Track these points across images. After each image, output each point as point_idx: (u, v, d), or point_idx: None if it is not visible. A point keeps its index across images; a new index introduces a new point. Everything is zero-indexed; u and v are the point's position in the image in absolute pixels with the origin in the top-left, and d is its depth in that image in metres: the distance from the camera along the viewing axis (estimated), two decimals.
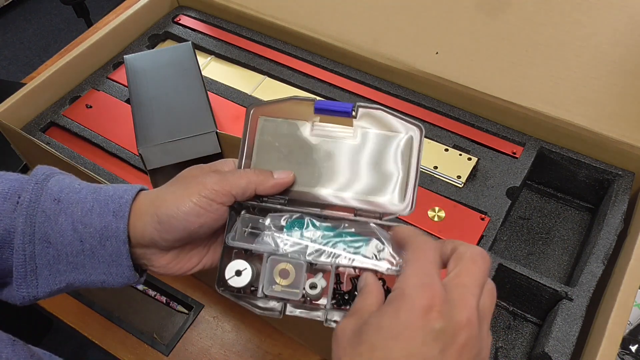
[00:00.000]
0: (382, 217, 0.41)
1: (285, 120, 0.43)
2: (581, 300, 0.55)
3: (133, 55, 0.71)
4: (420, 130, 0.41)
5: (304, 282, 0.39)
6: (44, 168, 0.43)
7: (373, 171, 0.42)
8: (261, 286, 0.40)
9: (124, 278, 0.41)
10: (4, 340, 0.36)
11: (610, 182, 0.66)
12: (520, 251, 0.67)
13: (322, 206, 0.42)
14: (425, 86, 0.74)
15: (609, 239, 0.59)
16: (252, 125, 0.44)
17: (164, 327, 0.66)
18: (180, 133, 0.61)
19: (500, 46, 0.70)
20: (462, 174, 0.66)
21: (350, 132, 0.43)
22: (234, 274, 0.41)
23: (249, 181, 0.41)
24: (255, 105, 0.44)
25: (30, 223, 0.39)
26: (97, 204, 0.41)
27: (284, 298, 0.40)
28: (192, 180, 0.41)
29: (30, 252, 0.39)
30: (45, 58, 1.29)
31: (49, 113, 0.75)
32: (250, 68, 0.81)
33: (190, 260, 0.44)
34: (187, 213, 0.39)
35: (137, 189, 0.42)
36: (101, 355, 0.67)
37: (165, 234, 0.40)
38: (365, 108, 0.42)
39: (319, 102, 0.42)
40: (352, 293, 0.40)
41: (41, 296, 0.41)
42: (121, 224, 0.40)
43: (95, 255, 0.40)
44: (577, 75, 0.66)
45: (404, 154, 0.41)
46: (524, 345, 0.60)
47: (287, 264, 0.40)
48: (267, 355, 0.64)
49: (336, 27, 0.78)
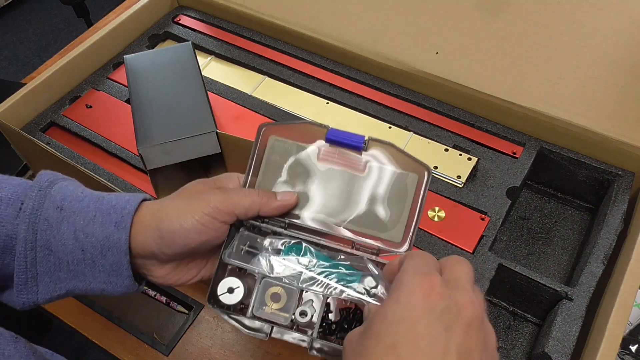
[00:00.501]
0: (379, 253, 0.41)
1: (295, 143, 0.43)
2: (581, 300, 0.55)
3: (133, 55, 0.71)
4: (427, 172, 0.41)
5: (294, 308, 0.40)
6: (47, 174, 0.43)
7: (376, 206, 0.42)
8: (251, 307, 0.40)
9: (123, 287, 0.42)
10: (7, 338, 0.36)
11: (610, 182, 0.66)
12: (520, 251, 0.67)
13: (321, 234, 0.42)
14: (425, 86, 0.74)
15: (609, 239, 0.59)
16: (262, 143, 0.44)
17: (164, 327, 0.66)
18: (180, 133, 0.61)
19: (500, 46, 0.70)
20: (462, 174, 0.66)
21: (358, 164, 0.42)
22: (227, 290, 0.41)
23: (252, 202, 0.41)
24: (267, 125, 0.44)
25: (33, 230, 0.39)
26: (100, 213, 0.41)
27: (273, 321, 0.40)
28: (197, 197, 0.41)
29: (31, 259, 0.40)
30: (45, 58, 1.28)
31: (49, 113, 0.75)
32: (250, 68, 0.81)
33: (188, 272, 0.44)
34: (189, 230, 0.40)
35: (139, 199, 0.42)
36: (101, 355, 0.67)
37: (165, 249, 0.40)
38: (376, 141, 0.42)
39: (331, 131, 0.42)
40: (339, 324, 0.40)
41: (41, 302, 0.41)
42: (123, 235, 0.40)
43: (96, 264, 0.40)
44: (577, 75, 0.66)
45: (409, 193, 0.41)
46: (524, 345, 0.60)
47: (279, 288, 0.40)
48: (267, 355, 0.64)
49: (336, 27, 0.78)
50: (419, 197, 0.41)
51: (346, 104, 0.75)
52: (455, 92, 0.71)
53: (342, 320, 0.41)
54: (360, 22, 0.77)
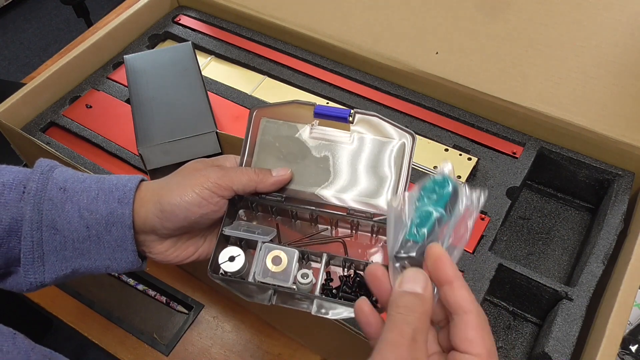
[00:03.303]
0: (372, 217, 0.43)
1: (286, 123, 0.46)
2: (581, 300, 0.55)
3: (133, 55, 0.71)
4: (412, 137, 0.43)
5: (295, 271, 0.41)
6: (46, 160, 0.44)
7: (367, 174, 0.44)
8: (253, 272, 0.41)
9: (127, 263, 0.43)
10: (5, 334, 0.36)
11: (610, 182, 0.66)
12: (520, 251, 0.67)
13: (317, 205, 0.44)
14: (425, 86, 0.74)
15: (609, 239, 0.59)
16: (255, 125, 0.46)
17: (164, 327, 0.66)
18: (180, 133, 0.61)
19: (500, 46, 0.70)
20: (462, 174, 0.66)
21: (347, 137, 0.45)
22: (228, 259, 0.42)
23: (249, 179, 0.43)
24: (258, 107, 0.46)
25: (38, 210, 0.41)
26: (102, 192, 0.42)
27: (275, 284, 0.41)
28: (196, 173, 0.43)
29: (37, 238, 0.41)
30: (45, 58, 1.29)
31: (49, 113, 0.75)
32: (250, 68, 0.81)
33: (187, 249, 0.46)
34: (190, 203, 0.41)
35: (139, 178, 0.44)
36: (101, 355, 0.67)
37: (166, 222, 0.42)
38: (362, 114, 0.44)
39: (319, 106, 0.44)
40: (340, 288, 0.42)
41: (48, 282, 0.42)
42: (126, 210, 0.41)
43: (101, 240, 0.42)
44: (577, 75, 0.66)
45: (396, 159, 0.44)
46: (524, 345, 0.60)
47: (280, 251, 0.42)
48: (267, 355, 0.64)
49: (336, 27, 0.78)
50: (407, 161, 0.43)
51: (346, 104, 0.75)
52: (455, 92, 0.71)
53: (342, 284, 0.42)
54: (360, 22, 0.77)
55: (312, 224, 0.46)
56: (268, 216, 0.47)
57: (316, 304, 0.40)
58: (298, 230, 0.46)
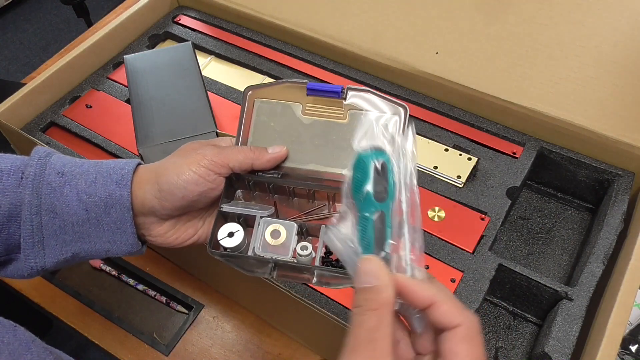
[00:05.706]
0: None
1: (280, 102, 0.46)
2: (581, 300, 0.55)
3: (133, 55, 0.71)
4: (404, 110, 0.43)
5: (294, 244, 0.41)
6: (43, 148, 0.45)
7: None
8: (252, 246, 0.41)
9: (127, 246, 0.43)
10: (6, 326, 0.37)
11: (610, 182, 0.66)
12: (520, 251, 0.67)
13: (314, 180, 0.45)
14: (425, 86, 0.74)
15: (609, 239, 0.59)
16: (249, 106, 0.46)
17: (164, 327, 0.66)
18: (180, 133, 0.62)
19: (500, 46, 0.70)
20: (462, 174, 0.66)
21: (340, 113, 0.45)
22: (227, 235, 0.42)
23: (245, 156, 0.43)
24: (252, 87, 0.46)
25: (37, 195, 0.41)
26: (100, 175, 0.42)
27: (275, 258, 0.41)
28: (192, 152, 0.43)
29: (37, 222, 0.41)
30: (45, 58, 1.28)
31: (49, 113, 0.75)
32: (250, 68, 0.81)
33: (186, 231, 0.46)
34: (187, 181, 0.42)
35: (136, 161, 0.44)
36: (101, 355, 0.67)
37: (165, 202, 0.42)
38: (355, 90, 0.44)
39: (311, 84, 0.45)
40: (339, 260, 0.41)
41: (48, 266, 0.42)
42: (125, 192, 0.42)
43: (100, 223, 0.42)
44: (577, 75, 0.66)
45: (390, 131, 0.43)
46: (524, 345, 0.60)
47: (278, 225, 0.42)
48: (267, 355, 0.64)
49: (336, 27, 0.78)
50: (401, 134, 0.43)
51: None
52: (455, 92, 0.71)
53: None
54: (360, 22, 0.77)
55: (309, 201, 0.46)
56: (265, 195, 0.47)
57: (317, 275, 0.40)
58: (296, 208, 0.46)
